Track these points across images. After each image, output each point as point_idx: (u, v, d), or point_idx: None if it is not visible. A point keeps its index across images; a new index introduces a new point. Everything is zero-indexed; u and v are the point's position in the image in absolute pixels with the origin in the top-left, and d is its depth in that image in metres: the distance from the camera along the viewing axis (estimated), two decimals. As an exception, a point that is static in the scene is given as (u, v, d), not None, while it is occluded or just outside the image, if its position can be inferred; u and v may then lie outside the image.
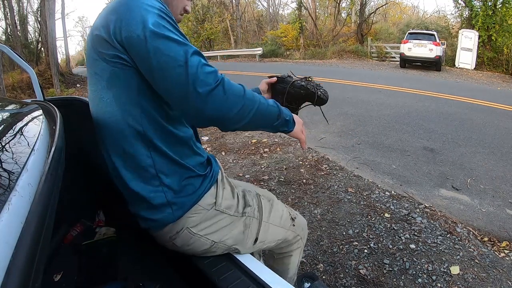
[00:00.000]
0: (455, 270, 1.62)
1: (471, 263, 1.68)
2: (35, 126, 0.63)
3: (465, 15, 12.78)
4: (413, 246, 1.80)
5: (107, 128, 0.71)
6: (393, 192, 2.42)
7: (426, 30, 12.34)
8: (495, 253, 1.77)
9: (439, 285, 1.54)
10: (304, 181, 2.62)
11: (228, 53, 16.82)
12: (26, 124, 0.65)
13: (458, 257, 1.72)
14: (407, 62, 10.77)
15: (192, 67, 0.59)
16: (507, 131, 3.92)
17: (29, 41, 16.69)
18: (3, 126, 0.61)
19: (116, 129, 0.70)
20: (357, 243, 1.84)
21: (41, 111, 0.75)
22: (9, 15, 14.48)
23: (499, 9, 10.87)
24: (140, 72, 0.65)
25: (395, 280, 1.57)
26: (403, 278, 1.58)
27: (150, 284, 0.92)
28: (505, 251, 1.79)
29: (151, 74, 0.63)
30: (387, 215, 2.11)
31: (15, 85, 10.60)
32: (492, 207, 2.26)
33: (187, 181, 0.75)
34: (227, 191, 0.84)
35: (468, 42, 11.02)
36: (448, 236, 1.89)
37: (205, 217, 0.77)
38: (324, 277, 1.60)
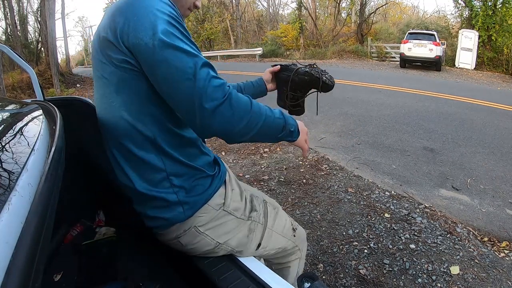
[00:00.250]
0: (455, 270, 1.62)
1: (471, 263, 1.68)
2: (35, 126, 0.63)
3: (465, 15, 12.79)
4: (413, 246, 1.80)
5: (114, 132, 0.71)
6: (393, 192, 2.42)
7: (426, 30, 12.33)
8: (495, 253, 1.77)
9: (439, 285, 1.54)
10: (304, 181, 2.62)
11: (228, 53, 16.82)
12: (26, 124, 0.65)
13: (458, 257, 1.72)
14: (407, 62, 10.76)
15: (200, 81, 0.58)
16: (507, 131, 3.92)
17: (29, 41, 16.69)
18: (3, 126, 0.61)
19: (124, 134, 0.69)
20: (357, 243, 1.84)
21: (41, 111, 0.75)
22: (9, 15, 14.48)
23: (499, 9, 10.87)
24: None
25: (395, 280, 1.57)
26: (403, 278, 1.58)
27: (150, 284, 0.92)
28: (505, 251, 1.79)
29: (158, 84, 0.62)
30: (387, 215, 2.11)
31: (15, 85, 10.60)
32: (492, 207, 2.26)
33: (197, 182, 0.75)
34: (236, 193, 0.85)
35: (468, 42, 11.02)
36: (448, 236, 1.89)
37: (213, 217, 0.77)
38: (324, 277, 1.60)
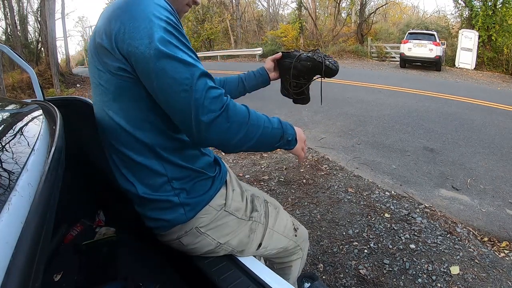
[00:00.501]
0: (455, 270, 1.62)
1: (471, 263, 1.68)
2: (35, 126, 0.63)
3: (465, 15, 12.79)
4: (413, 246, 1.80)
5: (113, 139, 0.70)
6: (393, 192, 2.42)
7: (426, 30, 12.32)
8: (495, 253, 1.77)
9: (439, 285, 1.54)
10: (304, 181, 2.62)
11: (228, 53, 16.82)
12: (26, 124, 0.65)
13: (458, 257, 1.72)
14: (407, 62, 10.76)
15: (197, 92, 0.56)
16: (507, 131, 3.92)
17: (29, 41, 16.70)
18: (3, 126, 0.61)
19: (123, 142, 0.69)
20: (357, 243, 1.84)
21: (41, 111, 0.75)
22: (9, 15, 14.49)
23: (499, 9, 10.87)
24: None
25: (395, 280, 1.57)
26: (403, 278, 1.58)
27: (150, 284, 0.92)
28: (505, 251, 1.79)
29: (154, 93, 0.61)
30: (387, 215, 2.11)
31: (15, 85, 10.61)
32: (492, 207, 2.26)
33: (199, 183, 0.75)
34: (236, 193, 0.85)
35: (468, 42, 11.02)
36: (448, 236, 1.89)
37: (214, 218, 0.77)
38: (324, 277, 1.60)
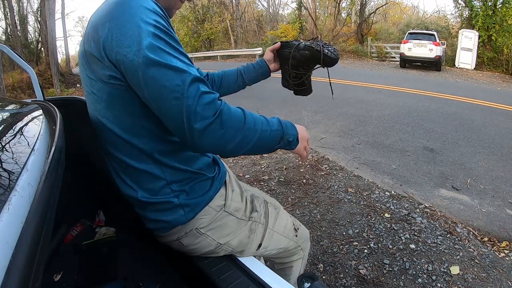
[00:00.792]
0: (455, 270, 1.62)
1: (471, 263, 1.68)
2: (35, 126, 0.63)
3: (465, 15, 12.79)
4: (413, 246, 1.80)
5: (110, 147, 0.70)
6: (393, 192, 2.42)
7: (426, 30, 12.31)
8: (495, 253, 1.77)
9: (439, 285, 1.54)
10: (304, 181, 2.62)
11: (228, 53, 16.81)
12: (26, 124, 0.65)
13: (458, 257, 1.72)
14: (407, 62, 10.76)
15: (189, 99, 0.54)
16: (507, 131, 3.92)
17: (29, 41, 16.71)
18: (3, 126, 0.61)
19: (119, 149, 0.69)
20: (357, 243, 1.84)
21: (41, 111, 0.75)
22: (9, 15, 14.50)
23: (499, 9, 10.87)
24: None
25: (395, 280, 1.57)
26: (403, 278, 1.58)
27: (150, 284, 0.92)
28: (505, 251, 1.79)
29: (146, 101, 0.59)
30: (387, 215, 2.11)
31: (15, 85, 10.62)
32: (492, 207, 2.26)
33: (198, 185, 0.75)
34: (236, 194, 0.84)
35: (468, 42, 11.02)
36: (448, 236, 1.89)
37: (214, 219, 0.77)
38: (324, 277, 1.60)
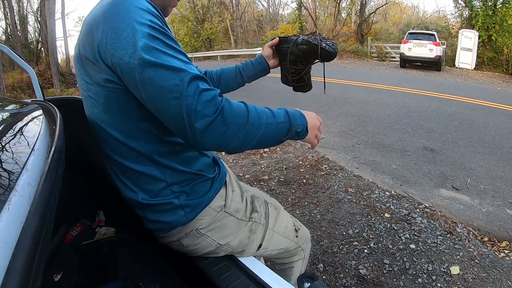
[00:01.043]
0: (455, 270, 1.62)
1: (471, 263, 1.68)
2: (35, 126, 0.63)
3: (465, 15, 12.79)
4: (413, 246, 1.80)
5: (108, 150, 0.70)
6: (393, 192, 2.42)
7: (426, 30, 12.31)
8: (495, 253, 1.77)
9: (439, 285, 1.54)
10: (304, 181, 2.62)
11: (228, 53, 16.82)
12: (26, 124, 0.65)
13: (458, 257, 1.72)
14: (407, 62, 10.75)
15: (188, 98, 0.53)
16: (507, 131, 3.92)
17: (29, 41, 16.71)
18: (3, 126, 0.61)
19: (119, 151, 0.68)
20: (357, 243, 1.84)
21: (41, 111, 0.75)
22: (9, 15, 14.50)
23: (499, 9, 10.87)
24: None
25: (395, 280, 1.57)
26: (403, 278, 1.58)
27: (150, 284, 0.92)
28: (505, 251, 1.79)
29: (145, 103, 0.58)
30: (387, 215, 2.11)
31: (15, 85, 10.62)
32: (492, 207, 2.26)
33: (198, 185, 0.75)
34: (236, 194, 0.84)
35: (468, 42, 11.02)
36: (448, 236, 1.89)
37: (214, 219, 0.77)
38: (324, 277, 1.60)
